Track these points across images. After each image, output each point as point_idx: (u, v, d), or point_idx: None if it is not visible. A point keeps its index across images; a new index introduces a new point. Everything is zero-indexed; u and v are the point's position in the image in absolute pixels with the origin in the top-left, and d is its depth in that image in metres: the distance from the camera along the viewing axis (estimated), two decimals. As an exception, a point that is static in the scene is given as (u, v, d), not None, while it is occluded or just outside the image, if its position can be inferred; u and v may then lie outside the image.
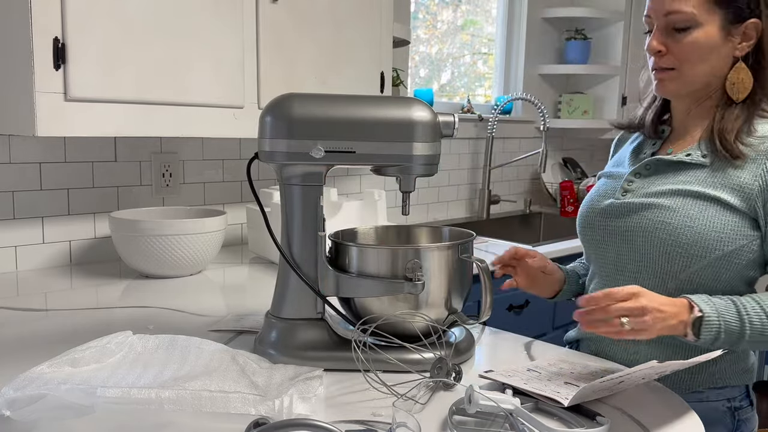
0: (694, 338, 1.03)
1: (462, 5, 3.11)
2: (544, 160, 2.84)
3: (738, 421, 1.17)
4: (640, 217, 1.16)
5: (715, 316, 1.03)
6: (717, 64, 1.16)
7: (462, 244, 1.13)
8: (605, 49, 3.26)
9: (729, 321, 1.03)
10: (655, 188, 1.18)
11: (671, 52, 1.16)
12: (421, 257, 1.08)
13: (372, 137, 1.04)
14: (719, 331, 1.03)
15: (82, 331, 1.26)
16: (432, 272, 1.09)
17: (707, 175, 1.14)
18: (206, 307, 1.44)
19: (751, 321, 1.04)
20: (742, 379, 1.18)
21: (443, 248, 1.10)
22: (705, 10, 1.13)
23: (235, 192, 2.14)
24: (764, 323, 1.04)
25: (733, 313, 1.04)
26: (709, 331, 1.02)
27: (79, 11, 1.40)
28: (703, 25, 1.13)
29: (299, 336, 1.09)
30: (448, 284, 1.11)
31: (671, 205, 1.14)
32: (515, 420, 0.87)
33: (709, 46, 1.14)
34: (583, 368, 1.08)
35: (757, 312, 1.04)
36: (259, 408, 0.87)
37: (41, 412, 0.85)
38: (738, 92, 1.16)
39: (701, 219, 1.11)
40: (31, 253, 1.75)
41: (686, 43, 1.14)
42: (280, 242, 1.11)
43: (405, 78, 2.58)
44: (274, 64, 1.76)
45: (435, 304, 1.11)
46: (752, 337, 1.04)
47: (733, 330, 1.03)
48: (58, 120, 1.40)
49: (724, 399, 1.16)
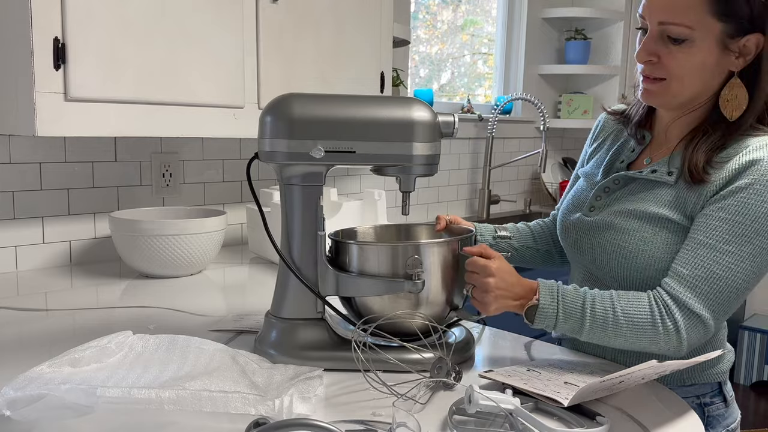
0: (528, 323, 1.08)
1: (462, 5, 3.11)
2: (544, 160, 2.84)
3: (708, 417, 1.18)
4: (601, 238, 1.18)
5: (552, 308, 1.05)
6: (709, 79, 1.10)
7: (463, 240, 1.13)
8: (605, 49, 3.26)
9: (569, 313, 1.05)
10: (617, 207, 1.18)
11: (663, 63, 1.09)
12: (421, 254, 1.08)
13: (372, 137, 1.04)
14: (554, 321, 1.06)
15: (82, 331, 1.26)
16: (432, 269, 1.09)
17: (667, 194, 1.12)
18: (206, 307, 1.44)
19: (594, 316, 1.05)
20: (713, 377, 1.19)
21: (444, 244, 1.10)
22: (704, 23, 1.05)
23: (235, 192, 2.14)
24: (607, 321, 1.04)
25: (578, 307, 1.05)
26: (542, 320, 1.06)
27: (79, 11, 1.40)
28: (700, 40, 1.06)
29: (299, 336, 1.09)
30: (449, 281, 1.11)
31: (627, 227, 1.14)
32: (515, 420, 0.87)
33: (704, 62, 1.07)
34: (583, 368, 1.08)
35: (605, 309, 1.05)
36: (259, 408, 0.87)
37: (41, 412, 0.84)
38: (732, 110, 1.09)
39: (654, 242, 1.11)
40: (31, 253, 1.75)
41: (680, 57, 1.07)
42: (280, 242, 1.11)
43: (405, 78, 2.58)
44: (274, 64, 1.76)
45: (436, 301, 1.11)
46: (592, 332, 1.05)
47: (572, 323, 1.06)
48: (58, 120, 1.40)
49: (692, 396, 1.17)
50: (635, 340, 1.05)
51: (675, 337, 1.03)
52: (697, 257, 1.05)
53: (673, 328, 1.03)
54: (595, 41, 3.25)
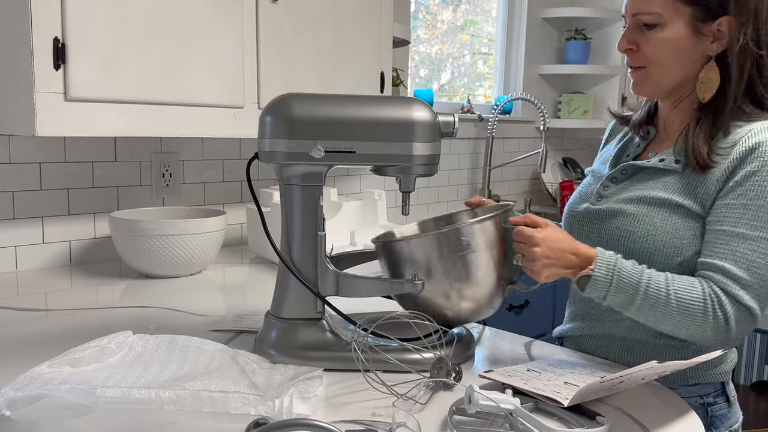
0: (578, 290, 1.08)
1: (462, 5, 3.11)
2: (544, 160, 2.84)
3: (711, 416, 1.19)
4: (609, 225, 1.19)
5: (605, 281, 1.06)
6: (688, 64, 1.15)
7: (504, 213, 1.12)
8: (605, 49, 3.26)
9: (622, 287, 1.06)
10: (626, 194, 1.20)
11: (641, 50, 1.17)
12: (467, 235, 1.07)
13: (372, 137, 1.04)
14: (605, 293, 1.07)
15: (82, 331, 1.26)
16: (480, 248, 1.08)
17: (676, 181, 1.15)
18: (206, 307, 1.44)
19: (647, 295, 1.05)
20: (716, 377, 1.20)
21: (487, 221, 1.09)
22: (671, 9, 1.12)
23: (235, 192, 2.14)
24: (658, 302, 1.05)
25: (632, 283, 1.06)
26: (593, 290, 1.07)
27: (79, 11, 1.40)
28: (670, 24, 1.13)
29: (299, 336, 1.09)
30: (500, 256, 1.10)
31: (636, 213, 1.16)
32: (515, 420, 0.87)
33: (677, 44, 1.14)
34: (583, 368, 1.08)
35: (659, 289, 1.05)
36: (259, 408, 0.87)
37: (41, 412, 0.84)
38: (704, 91, 1.15)
39: (664, 226, 1.13)
40: (31, 253, 1.75)
41: (654, 41, 1.15)
42: (280, 242, 1.11)
43: (405, 78, 2.58)
44: (274, 64, 1.76)
45: (490, 278, 1.10)
46: (641, 310, 1.06)
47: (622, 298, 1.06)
48: (58, 120, 1.40)
49: (696, 395, 1.18)
50: (683, 326, 1.06)
51: (724, 327, 1.05)
52: (734, 250, 1.07)
53: (723, 319, 1.04)
54: (595, 41, 3.25)
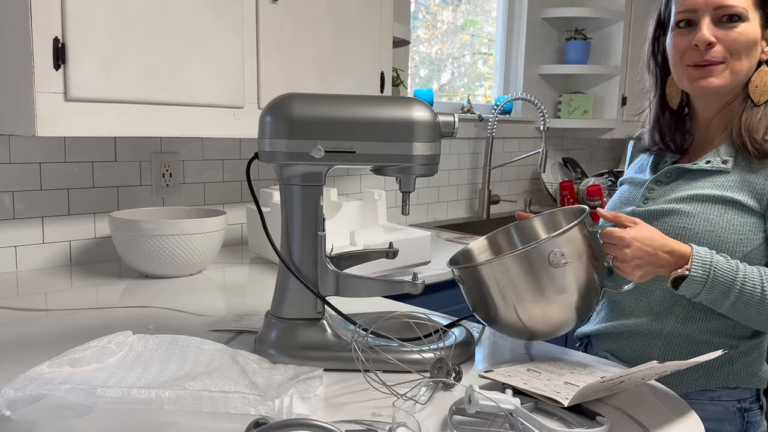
0: (673, 288, 1.08)
1: (462, 5, 3.11)
2: (544, 160, 2.84)
3: (747, 422, 1.19)
4: (662, 224, 1.18)
5: (701, 280, 1.06)
6: (753, 62, 1.19)
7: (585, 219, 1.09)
8: (605, 49, 3.26)
9: (716, 286, 1.06)
10: (675, 195, 1.20)
11: (721, 44, 1.17)
12: (559, 245, 1.04)
13: (372, 137, 1.04)
14: (699, 291, 1.07)
15: (82, 331, 1.26)
16: (572, 257, 1.05)
17: (725, 180, 1.16)
18: (206, 307, 1.44)
19: (741, 292, 1.06)
20: (755, 382, 1.20)
21: (573, 229, 1.06)
22: (752, 7, 1.17)
23: (235, 192, 2.14)
24: (753, 300, 1.06)
25: (728, 281, 1.06)
26: (687, 290, 1.07)
27: (79, 11, 1.40)
28: (750, 20, 1.17)
29: (299, 336, 1.09)
30: (592, 261, 1.07)
31: (691, 210, 1.16)
32: (515, 420, 0.87)
33: (753, 40, 1.17)
34: (583, 368, 1.08)
35: (754, 287, 1.06)
36: (259, 408, 0.87)
37: (41, 412, 0.84)
38: (760, 94, 1.17)
39: (721, 222, 1.13)
40: (31, 253, 1.75)
41: (736, 34, 1.16)
42: (280, 242, 1.11)
43: (405, 78, 2.58)
44: (274, 64, 1.76)
45: (587, 284, 1.07)
46: (734, 307, 1.07)
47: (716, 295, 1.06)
48: (58, 120, 1.40)
49: (734, 400, 1.18)
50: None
51: None
52: None
53: None
54: (595, 41, 3.25)
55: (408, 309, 1.35)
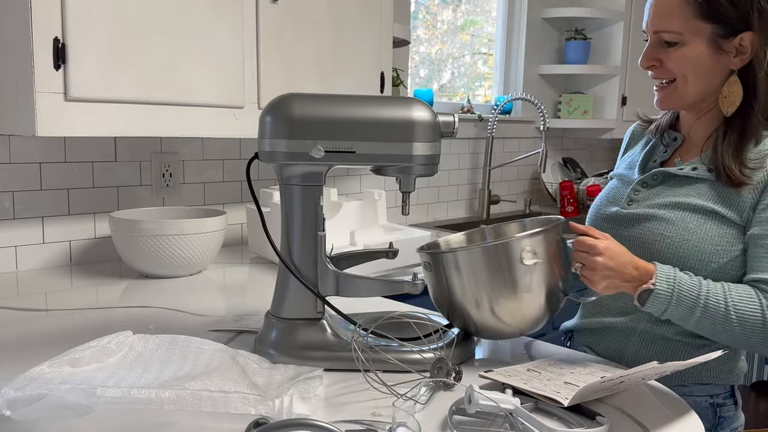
0: (639, 305, 1.09)
1: (462, 5, 3.11)
2: (544, 160, 2.84)
3: (719, 417, 1.20)
4: (642, 228, 1.20)
5: (666, 295, 1.06)
6: (711, 79, 1.17)
7: (561, 225, 1.11)
8: (605, 49, 3.26)
9: (682, 302, 1.06)
10: (659, 200, 1.21)
11: (664, 65, 1.19)
12: (533, 244, 1.05)
13: (372, 137, 1.04)
14: (665, 307, 1.07)
15: (82, 331, 1.26)
16: (541, 258, 1.06)
17: (709, 189, 1.17)
18: (206, 307, 1.44)
19: (706, 308, 1.06)
20: (728, 379, 1.21)
21: (547, 232, 1.07)
22: (691, 27, 1.14)
23: (235, 192, 2.14)
24: (717, 316, 1.06)
25: (692, 297, 1.07)
26: (653, 305, 1.08)
27: (79, 11, 1.40)
28: (691, 42, 1.15)
29: (299, 336, 1.09)
30: (556, 267, 1.09)
31: (671, 217, 1.17)
32: (515, 420, 0.87)
33: (698, 60, 1.16)
34: (583, 368, 1.08)
35: (717, 302, 1.06)
36: (259, 408, 0.87)
37: (41, 412, 0.84)
38: (727, 106, 1.17)
39: (699, 232, 1.14)
40: (31, 253, 1.75)
41: (676, 57, 1.17)
42: (280, 242, 1.11)
43: (405, 78, 2.58)
44: (274, 65, 1.76)
45: (551, 288, 1.08)
46: (700, 323, 1.07)
47: (682, 311, 1.07)
48: (58, 120, 1.40)
49: (707, 395, 1.19)
50: (744, 338, 1.07)
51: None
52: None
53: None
54: (595, 41, 3.25)
55: (408, 309, 1.35)
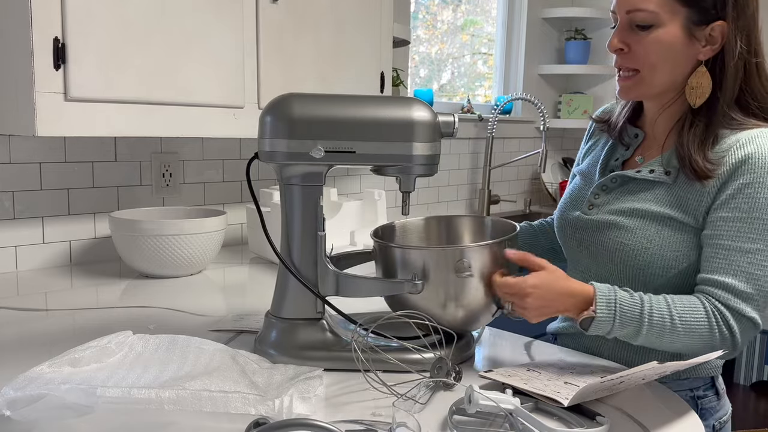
0: (582, 330, 1.06)
1: (462, 5, 3.11)
2: (544, 160, 2.84)
3: (701, 409, 1.20)
4: (603, 236, 1.19)
5: (608, 319, 1.04)
6: (679, 67, 1.13)
7: (509, 241, 1.10)
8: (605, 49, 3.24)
9: (626, 322, 1.04)
10: (618, 205, 1.19)
11: (633, 51, 1.13)
12: (468, 256, 1.05)
13: (372, 137, 1.04)
14: (610, 329, 1.05)
15: (82, 331, 1.26)
16: (476, 271, 1.06)
17: (667, 193, 1.14)
18: (206, 307, 1.44)
19: (651, 324, 1.04)
20: (706, 371, 1.21)
21: (488, 247, 1.07)
22: (668, 9, 1.09)
23: (235, 192, 2.14)
24: (664, 329, 1.05)
25: (635, 316, 1.04)
26: (597, 329, 1.05)
27: (79, 11, 1.40)
28: (665, 24, 1.09)
29: (299, 336, 1.09)
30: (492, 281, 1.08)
31: (630, 226, 1.15)
32: (515, 420, 0.87)
33: (671, 46, 1.11)
34: (583, 368, 1.08)
35: (662, 316, 1.05)
36: (259, 408, 0.87)
37: (41, 412, 0.84)
38: (696, 97, 1.12)
39: (658, 240, 1.12)
40: (31, 253, 1.75)
41: (648, 42, 1.11)
42: (280, 242, 1.11)
43: (405, 78, 2.58)
44: (274, 65, 1.76)
45: (482, 302, 1.08)
46: (647, 338, 1.06)
47: (628, 331, 1.05)
48: (58, 120, 1.40)
49: (687, 389, 1.19)
50: (692, 346, 1.06)
51: (730, 341, 1.06)
52: (732, 263, 1.06)
53: (729, 333, 1.05)
54: (595, 41, 3.25)
55: (408, 309, 1.35)
